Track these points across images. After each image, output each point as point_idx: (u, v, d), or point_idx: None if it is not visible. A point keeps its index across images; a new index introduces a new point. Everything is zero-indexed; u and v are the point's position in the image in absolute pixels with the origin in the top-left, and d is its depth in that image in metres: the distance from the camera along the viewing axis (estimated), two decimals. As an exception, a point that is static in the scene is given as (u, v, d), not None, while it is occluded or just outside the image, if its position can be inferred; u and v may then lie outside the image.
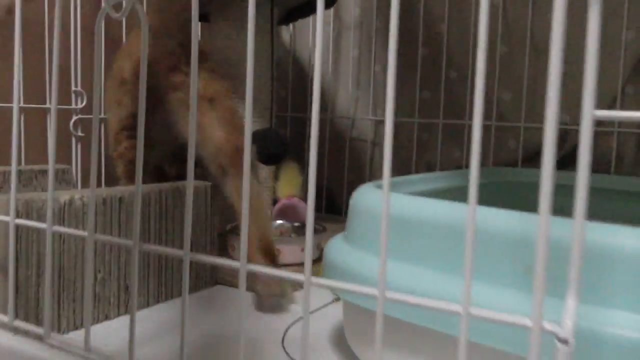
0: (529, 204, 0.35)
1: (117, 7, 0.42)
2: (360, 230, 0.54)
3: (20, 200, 0.53)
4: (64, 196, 0.57)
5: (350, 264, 0.52)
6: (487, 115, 1.06)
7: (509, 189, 0.95)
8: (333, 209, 1.25)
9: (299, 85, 1.31)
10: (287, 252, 0.79)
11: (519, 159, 1.03)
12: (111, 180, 1.02)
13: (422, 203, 0.49)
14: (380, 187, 0.60)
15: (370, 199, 0.54)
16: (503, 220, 0.41)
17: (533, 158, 1.04)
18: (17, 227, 0.51)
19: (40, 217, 0.54)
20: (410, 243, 0.48)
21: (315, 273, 0.33)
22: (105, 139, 0.84)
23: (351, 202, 0.57)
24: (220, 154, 0.63)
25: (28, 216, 0.54)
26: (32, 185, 0.88)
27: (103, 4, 0.43)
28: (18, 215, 0.51)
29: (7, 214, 0.51)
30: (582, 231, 0.26)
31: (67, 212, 0.57)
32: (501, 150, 1.06)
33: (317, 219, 1.11)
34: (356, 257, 0.52)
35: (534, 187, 0.27)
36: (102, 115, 0.84)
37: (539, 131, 1.02)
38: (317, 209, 1.20)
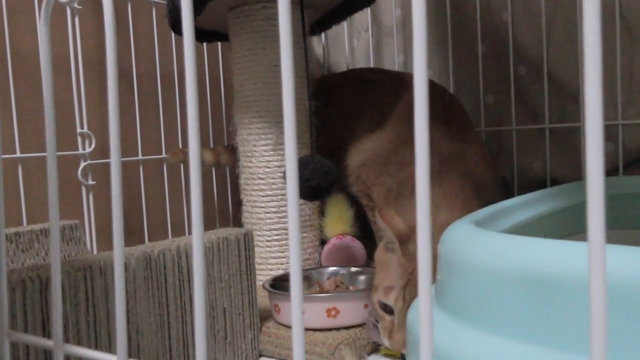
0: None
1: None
2: (460, 294, 0.37)
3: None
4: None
5: (450, 347, 0.34)
6: (571, 116, 0.87)
7: (617, 204, 0.75)
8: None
9: (338, 103, 1.14)
10: (346, 311, 0.61)
11: (620, 165, 0.83)
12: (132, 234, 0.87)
13: (556, 248, 0.32)
14: (479, 223, 0.42)
15: (472, 246, 0.37)
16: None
17: (637, 162, 0.84)
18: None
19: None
20: (546, 314, 0.31)
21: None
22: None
23: (441, 248, 0.40)
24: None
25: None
26: (33, 249, 0.74)
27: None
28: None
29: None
30: None
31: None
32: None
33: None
34: (460, 337, 0.34)
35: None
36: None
37: (644, 128, 0.82)
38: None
